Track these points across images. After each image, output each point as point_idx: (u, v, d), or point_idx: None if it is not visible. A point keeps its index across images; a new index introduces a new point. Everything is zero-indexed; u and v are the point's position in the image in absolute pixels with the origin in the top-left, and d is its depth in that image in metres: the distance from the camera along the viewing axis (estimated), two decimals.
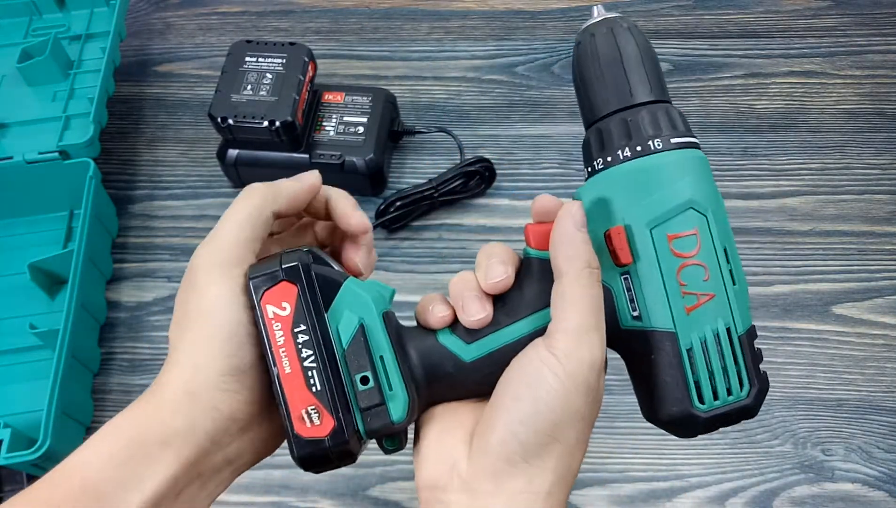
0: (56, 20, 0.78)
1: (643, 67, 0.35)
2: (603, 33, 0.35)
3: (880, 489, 0.57)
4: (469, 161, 0.69)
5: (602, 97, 0.35)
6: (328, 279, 0.32)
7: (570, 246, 0.31)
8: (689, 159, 0.34)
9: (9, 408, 0.61)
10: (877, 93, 0.75)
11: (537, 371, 0.30)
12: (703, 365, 0.31)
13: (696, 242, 0.32)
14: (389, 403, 0.32)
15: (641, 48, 0.35)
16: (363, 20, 0.83)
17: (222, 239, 0.33)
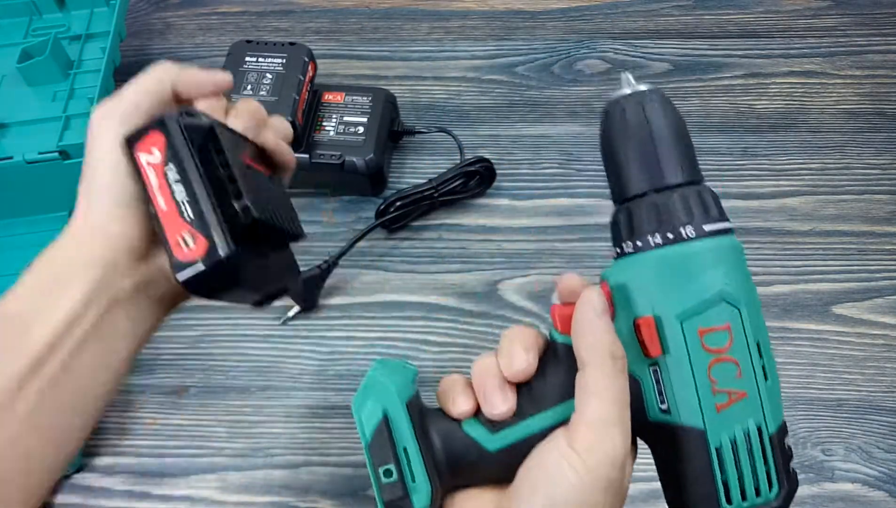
0: (56, 20, 0.78)
1: (675, 147, 0.33)
2: (633, 108, 0.33)
3: (880, 489, 0.57)
4: (469, 161, 0.69)
5: (632, 177, 0.33)
6: (194, 126, 0.36)
7: (591, 334, 0.30)
8: (722, 248, 0.31)
9: None
10: (877, 93, 0.75)
11: (556, 466, 0.30)
12: (732, 465, 0.31)
13: (729, 337, 0.31)
14: (413, 495, 0.32)
15: (673, 125, 0.33)
16: (363, 20, 0.83)
17: (118, 98, 0.38)
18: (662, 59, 0.78)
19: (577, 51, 0.79)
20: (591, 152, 0.73)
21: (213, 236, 0.34)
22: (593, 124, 0.74)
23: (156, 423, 0.62)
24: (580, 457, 0.29)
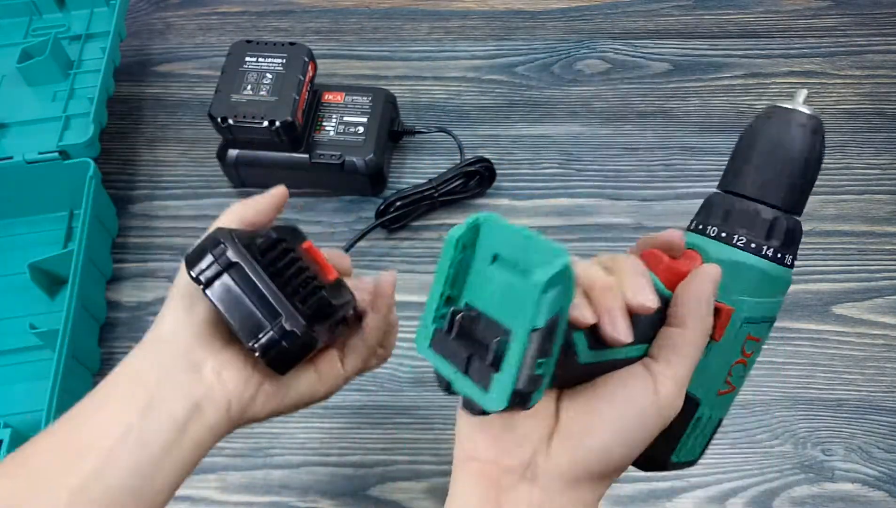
0: (56, 20, 0.78)
1: (803, 178, 0.36)
2: (798, 127, 0.35)
3: (880, 489, 0.57)
4: (469, 161, 0.69)
5: (759, 180, 0.36)
6: (244, 236, 0.39)
7: (705, 307, 0.33)
8: (789, 283, 0.37)
9: (9, 408, 0.61)
10: (877, 93, 0.75)
11: (644, 408, 0.32)
12: (699, 433, 0.37)
13: (758, 348, 0.37)
14: (539, 392, 0.31)
15: (815, 162, 0.36)
16: (363, 20, 0.83)
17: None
18: (662, 59, 0.78)
19: (577, 51, 0.79)
20: (592, 152, 0.73)
21: (281, 315, 0.37)
22: (593, 124, 0.74)
23: None
24: (661, 407, 0.32)
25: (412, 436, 0.61)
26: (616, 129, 0.74)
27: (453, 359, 0.31)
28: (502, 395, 0.29)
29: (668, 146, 0.73)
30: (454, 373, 0.31)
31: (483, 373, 0.30)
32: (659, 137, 0.73)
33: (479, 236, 0.33)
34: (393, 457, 0.60)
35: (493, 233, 0.32)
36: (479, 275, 0.32)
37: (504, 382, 0.29)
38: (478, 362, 0.30)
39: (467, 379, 0.31)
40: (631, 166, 0.72)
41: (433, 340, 0.32)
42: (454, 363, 0.31)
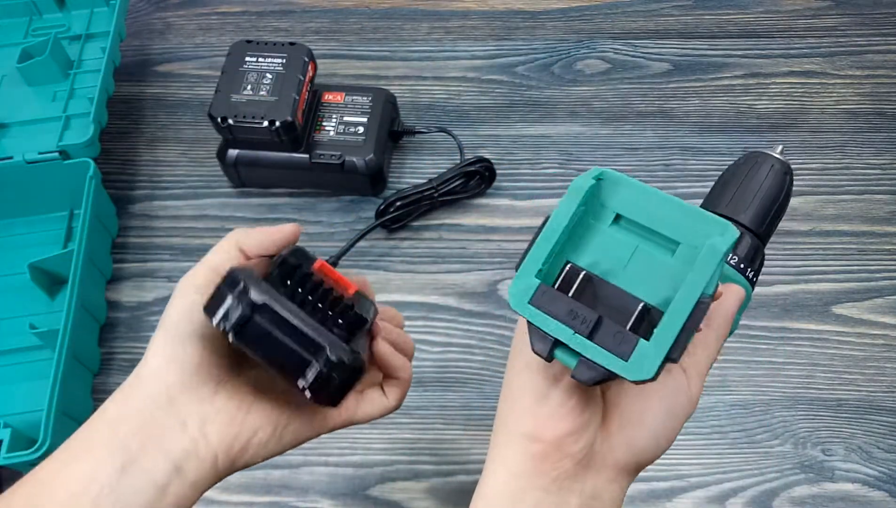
0: (56, 20, 0.78)
1: (771, 210, 0.41)
2: (771, 169, 0.41)
3: (880, 489, 0.57)
4: (469, 161, 0.69)
5: (733, 201, 0.41)
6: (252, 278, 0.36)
7: (729, 319, 0.36)
8: (749, 299, 0.39)
9: (9, 408, 0.61)
10: (877, 93, 0.75)
11: (682, 402, 0.34)
12: None
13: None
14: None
15: (784, 196, 0.41)
16: (363, 20, 0.83)
17: (195, 271, 0.38)
18: (662, 59, 0.78)
19: (577, 51, 0.79)
20: (591, 152, 0.73)
21: (324, 346, 0.34)
22: (593, 124, 0.74)
23: None
24: (691, 397, 0.34)
25: (412, 436, 0.61)
26: (616, 129, 0.74)
27: (568, 320, 0.29)
28: (653, 364, 0.28)
29: (667, 146, 0.73)
30: (572, 335, 0.29)
31: (620, 339, 0.28)
32: (659, 137, 0.73)
33: (600, 191, 0.31)
34: (393, 457, 0.60)
35: (618, 191, 0.31)
36: (599, 234, 0.31)
37: (657, 350, 0.28)
38: (611, 326, 0.29)
39: (592, 344, 0.29)
40: (631, 166, 0.72)
41: (536, 296, 0.30)
42: (569, 324, 0.29)
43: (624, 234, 0.30)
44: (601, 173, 0.31)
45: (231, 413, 0.36)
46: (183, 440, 0.34)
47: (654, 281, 0.29)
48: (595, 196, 0.31)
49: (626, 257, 0.30)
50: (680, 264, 0.29)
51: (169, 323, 0.36)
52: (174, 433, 0.34)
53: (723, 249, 0.28)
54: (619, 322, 0.29)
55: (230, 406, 0.36)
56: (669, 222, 0.29)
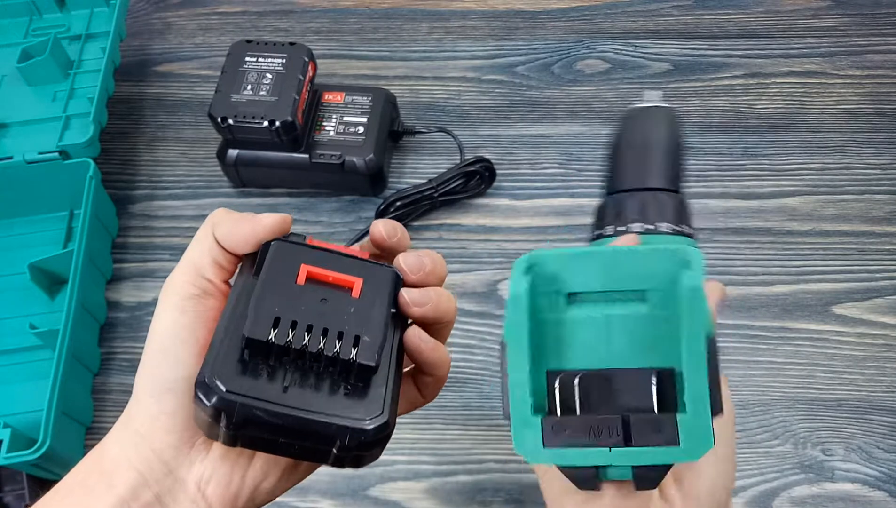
0: (56, 20, 0.78)
1: (667, 159, 0.39)
2: (645, 121, 0.39)
3: (880, 489, 0.57)
4: (469, 161, 0.69)
5: (636, 172, 0.38)
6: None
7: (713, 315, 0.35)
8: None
9: (9, 408, 0.61)
10: (877, 93, 0.75)
11: (721, 423, 0.31)
12: None
13: None
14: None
15: (672, 142, 0.39)
16: (363, 20, 0.83)
17: (177, 271, 0.35)
18: (662, 59, 0.78)
19: (577, 51, 0.79)
20: (591, 152, 0.73)
21: (336, 424, 0.29)
22: (593, 124, 0.74)
23: None
24: (729, 412, 0.33)
25: (412, 436, 0.61)
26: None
27: (595, 440, 0.25)
28: (705, 433, 0.24)
29: None
30: (608, 454, 0.25)
31: (658, 426, 0.25)
32: None
33: (538, 282, 0.27)
34: (392, 457, 0.60)
35: (556, 269, 0.27)
36: (565, 326, 0.27)
37: (701, 417, 0.24)
38: (641, 419, 0.25)
39: (636, 449, 0.25)
40: None
41: (546, 436, 0.26)
42: (599, 444, 0.25)
43: (588, 310, 0.27)
44: (529, 262, 0.27)
45: (229, 469, 0.31)
46: (183, 499, 0.31)
47: (646, 341, 0.26)
48: (536, 290, 0.27)
49: (605, 332, 0.26)
50: (659, 310, 0.26)
51: (152, 358, 0.32)
52: (173, 494, 0.31)
53: (699, 282, 0.26)
54: (644, 408, 0.25)
55: (229, 460, 0.31)
56: (624, 275, 0.26)
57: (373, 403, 0.29)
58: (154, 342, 0.32)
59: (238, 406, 0.28)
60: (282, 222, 0.33)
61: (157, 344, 0.32)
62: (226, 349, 0.29)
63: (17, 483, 0.58)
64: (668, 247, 0.26)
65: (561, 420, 0.26)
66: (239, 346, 0.29)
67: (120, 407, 0.65)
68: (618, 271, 0.26)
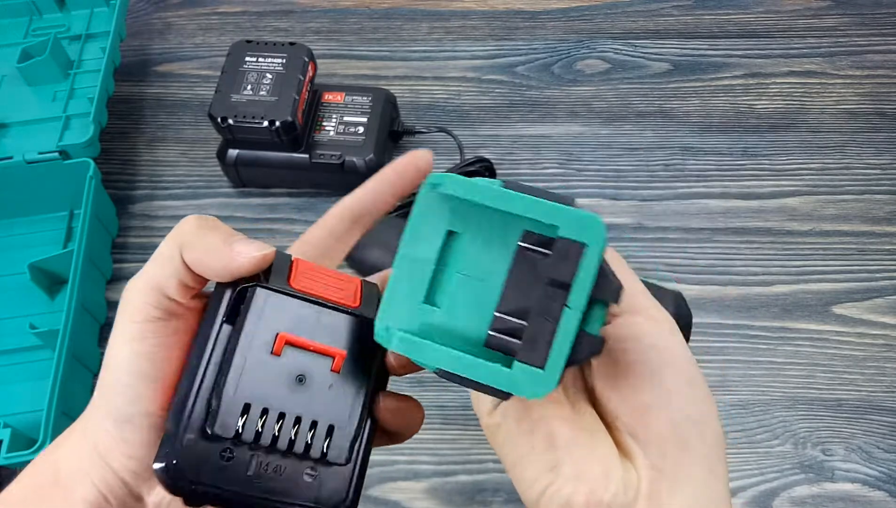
0: (56, 20, 0.78)
1: None
2: None
3: (880, 489, 0.57)
4: (469, 161, 0.69)
5: None
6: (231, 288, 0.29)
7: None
8: None
9: (9, 408, 0.61)
10: (877, 93, 0.75)
11: (670, 346, 0.31)
12: None
13: None
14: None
15: None
16: (363, 20, 0.83)
17: (134, 284, 0.29)
18: (662, 59, 0.78)
19: (577, 51, 0.79)
20: (592, 152, 0.73)
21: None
22: (593, 124, 0.74)
23: None
24: (674, 330, 0.31)
25: None
26: (616, 129, 0.74)
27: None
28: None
29: (668, 146, 0.73)
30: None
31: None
32: (659, 137, 0.73)
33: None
34: (392, 457, 0.60)
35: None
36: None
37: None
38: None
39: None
40: (631, 166, 0.72)
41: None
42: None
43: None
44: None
45: None
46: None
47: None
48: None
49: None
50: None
51: (110, 388, 0.28)
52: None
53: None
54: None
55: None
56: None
57: (338, 487, 0.29)
58: (111, 371, 0.28)
59: (201, 493, 0.27)
60: (261, 262, 0.29)
61: (114, 376, 0.28)
62: (191, 417, 0.27)
63: None
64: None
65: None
66: (204, 417, 0.28)
67: None
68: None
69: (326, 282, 0.30)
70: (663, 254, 0.67)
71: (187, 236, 0.29)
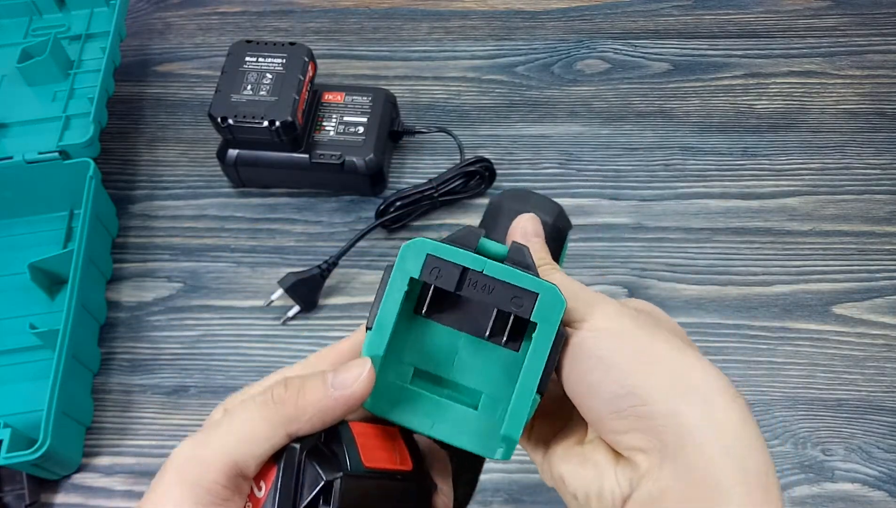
0: (56, 20, 0.78)
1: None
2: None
3: (880, 489, 0.57)
4: (469, 161, 0.69)
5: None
6: (314, 472, 0.27)
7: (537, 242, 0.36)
8: None
9: (9, 408, 0.61)
10: (877, 93, 0.75)
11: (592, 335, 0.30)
12: None
13: None
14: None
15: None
16: (363, 20, 0.83)
17: (206, 445, 0.26)
18: (662, 59, 0.78)
19: (577, 51, 0.79)
20: (592, 152, 0.73)
21: None
22: (593, 124, 0.74)
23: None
24: (589, 299, 0.31)
25: None
26: (616, 129, 0.74)
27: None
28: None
29: (668, 146, 0.73)
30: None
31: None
32: (659, 137, 0.73)
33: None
34: None
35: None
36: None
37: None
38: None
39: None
40: (631, 166, 0.72)
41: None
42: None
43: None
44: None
45: None
46: None
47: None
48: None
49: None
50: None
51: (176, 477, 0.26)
52: None
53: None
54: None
55: None
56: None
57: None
58: None
59: None
60: (370, 381, 0.27)
61: None
62: None
63: (17, 483, 0.58)
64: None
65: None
66: None
67: (120, 407, 0.65)
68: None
69: (381, 446, 0.29)
70: (663, 254, 0.67)
71: (289, 407, 0.26)
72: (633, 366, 0.27)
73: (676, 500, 0.24)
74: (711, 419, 0.25)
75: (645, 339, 0.27)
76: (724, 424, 0.25)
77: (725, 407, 0.25)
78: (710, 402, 0.25)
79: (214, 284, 0.68)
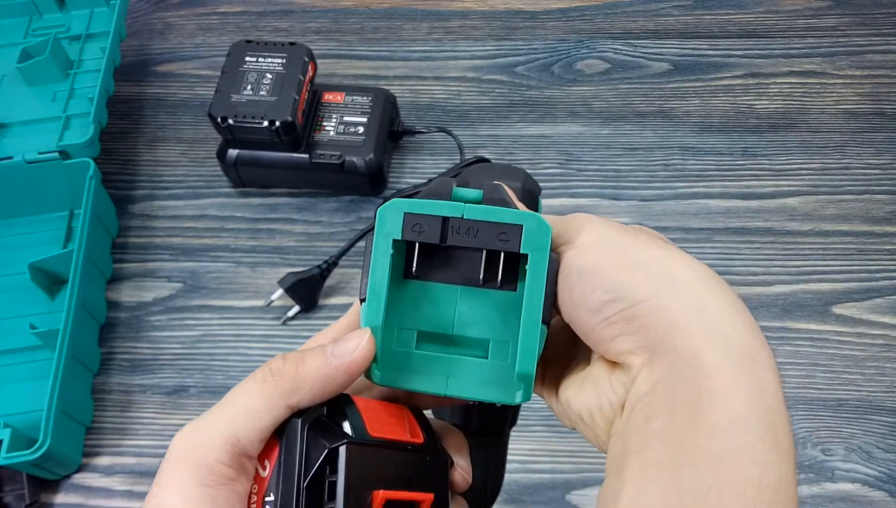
0: (56, 20, 0.78)
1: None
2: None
3: (880, 489, 0.57)
4: (469, 161, 0.69)
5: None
6: (318, 441, 0.26)
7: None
8: None
9: (9, 408, 0.61)
10: (877, 93, 0.75)
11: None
12: None
13: None
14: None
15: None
16: (363, 20, 0.83)
17: (210, 421, 0.26)
18: (662, 59, 0.78)
19: (577, 51, 0.79)
20: (592, 152, 0.73)
21: None
22: (593, 124, 0.74)
23: None
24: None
25: None
26: (616, 129, 0.74)
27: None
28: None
29: (668, 146, 0.73)
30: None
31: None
32: (659, 137, 0.73)
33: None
34: None
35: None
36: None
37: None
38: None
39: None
40: (631, 166, 0.72)
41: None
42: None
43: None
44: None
45: None
46: None
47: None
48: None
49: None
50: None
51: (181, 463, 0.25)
52: None
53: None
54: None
55: None
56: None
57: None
58: None
59: None
60: (370, 349, 0.27)
61: None
62: None
63: (17, 483, 0.58)
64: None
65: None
66: None
67: (120, 407, 0.65)
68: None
69: (388, 420, 0.29)
70: None
71: (286, 379, 0.26)
72: (617, 270, 0.27)
73: (665, 388, 0.25)
74: (695, 305, 0.25)
75: (626, 243, 0.28)
76: (708, 307, 0.25)
77: (709, 293, 0.26)
78: (693, 291, 0.26)
79: (214, 284, 0.68)
